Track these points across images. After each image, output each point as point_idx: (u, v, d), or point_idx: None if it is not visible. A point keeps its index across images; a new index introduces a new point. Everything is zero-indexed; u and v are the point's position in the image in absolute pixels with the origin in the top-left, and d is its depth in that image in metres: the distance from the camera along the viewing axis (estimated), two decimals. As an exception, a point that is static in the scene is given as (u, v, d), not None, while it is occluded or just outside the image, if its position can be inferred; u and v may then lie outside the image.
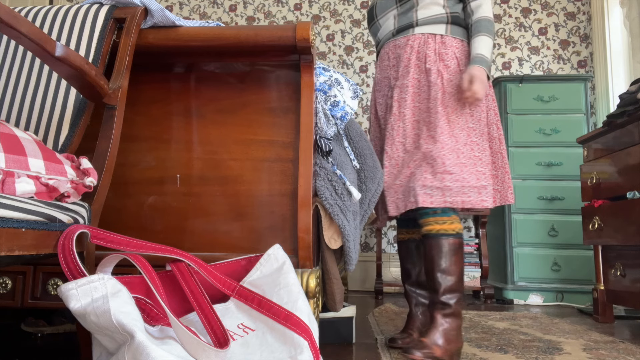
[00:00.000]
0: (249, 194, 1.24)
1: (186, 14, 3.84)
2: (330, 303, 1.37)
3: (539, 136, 2.95)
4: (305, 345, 0.85)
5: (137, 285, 0.87)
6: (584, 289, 2.78)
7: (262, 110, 1.29)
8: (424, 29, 1.64)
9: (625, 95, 2.12)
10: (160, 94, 1.32)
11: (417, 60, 1.64)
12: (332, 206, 1.25)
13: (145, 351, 0.70)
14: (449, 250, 1.51)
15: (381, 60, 1.76)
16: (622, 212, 2.01)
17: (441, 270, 1.50)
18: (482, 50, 1.57)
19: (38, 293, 1.17)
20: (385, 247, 3.45)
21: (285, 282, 0.95)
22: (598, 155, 2.30)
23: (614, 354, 1.56)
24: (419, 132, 1.58)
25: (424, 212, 1.55)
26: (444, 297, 1.49)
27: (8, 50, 1.12)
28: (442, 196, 1.50)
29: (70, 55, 0.86)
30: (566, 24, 3.52)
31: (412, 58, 1.64)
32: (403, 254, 1.77)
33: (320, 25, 3.73)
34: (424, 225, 1.55)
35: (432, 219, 1.53)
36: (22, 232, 0.72)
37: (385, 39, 1.74)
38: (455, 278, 1.51)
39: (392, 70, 1.70)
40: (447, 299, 1.49)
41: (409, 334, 1.63)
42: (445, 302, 1.49)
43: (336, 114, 1.40)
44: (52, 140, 1.03)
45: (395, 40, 1.69)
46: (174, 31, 1.23)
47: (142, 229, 1.25)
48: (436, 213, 1.53)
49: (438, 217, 1.53)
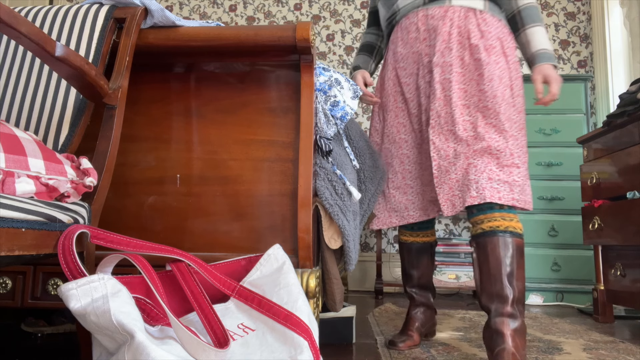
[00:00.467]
0: (249, 194, 1.24)
1: (186, 14, 3.84)
2: (330, 303, 1.37)
3: (539, 136, 2.95)
4: (305, 345, 0.85)
5: (137, 285, 0.87)
6: (584, 289, 2.78)
7: (262, 110, 1.28)
8: (462, 1, 1.46)
9: (625, 95, 2.12)
10: (160, 94, 1.32)
11: (459, 35, 1.43)
12: (332, 206, 1.25)
13: (145, 351, 0.70)
14: (518, 252, 1.30)
15: (405, 32, 1.53)
16: (622, 212, 2.01)
17: (510, 274, 1.27)
18: (546, 45, 1.41)
19: (38, 293, 1.17)
20: (385, 247, 3.45)
21: (285, 282, 0.95)
22: (598, 155, 2.30)
23: (614, 354, 1.56)
24: (473, 120, 1.38)
25: (487, 205, 1.34)
26: (514, 309, 1.25)
27: (8, 50, 1.12)
28: (510, 192, 1.31)
29: (70, 55, 0.86)
30: (566, 24, 3.52)
31: (454, 33, 1.43)
32: (406, 258, 1.71)
33: (320, 25, 3.73)
34: (486, 220, 1.33)
35: (499, 214, 1.32)
36: (22, 232, 0.72)
37: (409, 7, 1.52)
38: (523, 285, 1.29)
39: (424, 45, 1.48)
40: (517, 311, 1.26)
41: (409, 335, 1.60)
42: (514, 315, 1.25)
43: (336, 114, 1.40)
44: (52, 140, 1.03)
45: (427, 10, 1.47)
46: (174, 31, 1.23)
47: (142, 229, 1.25)
48: (502, 208, 1.33)
49: (505, 213, 1.33)
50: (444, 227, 3.41)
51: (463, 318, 2.23)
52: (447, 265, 3.03)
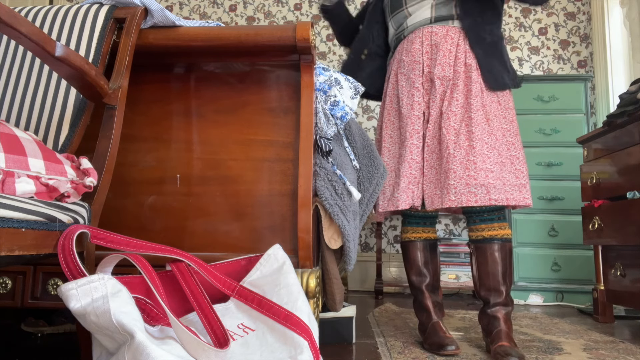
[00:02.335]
0: (249, 194, 1.24)
1: (186, 14, 3.84)
2: (330, 303, 1.37)
3: (539, 136, 2.95)
4: (305, 345, 0.85)
5: (137, 285, 0.87)
6: (584, 289, 2.78)
7: (262, 110, 1.28)
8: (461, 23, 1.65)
9: (625, 95, 2.12)
10: (160, 94, 1.31)
11: (457, 53, 1.63)
12: (332, 206, 1.25)
13: (145, 351, 0.70)
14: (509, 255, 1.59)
15: (410, 43, 1.70)
16: (622, 212, 2.01)
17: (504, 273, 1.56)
18: None
19: (38, 293, 1.17)
20: (385, 247, 3.45)
21: (285, 282, 0.95)
22: (598, 155, 2.30)
23: (614, 354, 1.56)
24: (459, 129, 1.57)
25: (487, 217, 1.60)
26: (506, 299, 1.55)
27: (8, 50, 1.12)
28: (486, 194, 1.50)
29: (70, 55, 0.86)
30: (566, 24, 3.52)
31: (453, 50, 1.63)
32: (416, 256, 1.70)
33: (320, 25, 3.73)
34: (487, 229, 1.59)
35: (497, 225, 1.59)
36: (22, 232, 0.72)
37: (417, 25, 1.70)
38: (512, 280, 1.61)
39: (426, 57, 1.66)
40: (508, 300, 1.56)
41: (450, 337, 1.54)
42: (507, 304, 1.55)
43: (336, 113, 1.40)
44: (52, 140, 1.03)
45: (432, 27, 1.67)
46: (174, 31, 1.23)
47: (142, 229, 1.25)
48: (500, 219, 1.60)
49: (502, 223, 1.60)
50: (444, 227, 3.41)
51: (463, 318, 2.23)
52: (447, 265, 3.03)
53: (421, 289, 1.68)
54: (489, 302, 1.56)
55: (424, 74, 1.67)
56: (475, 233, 1.61)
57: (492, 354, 1.44)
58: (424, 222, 1.74)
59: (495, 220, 1.59)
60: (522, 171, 1.57)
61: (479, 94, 1.58)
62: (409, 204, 1.60)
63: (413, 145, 1.62)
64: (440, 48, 1.64)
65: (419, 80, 1.66)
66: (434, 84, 1.63)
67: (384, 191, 1.66)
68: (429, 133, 1.61)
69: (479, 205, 1.51)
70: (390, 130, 1.73)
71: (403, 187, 1.60)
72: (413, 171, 1.61)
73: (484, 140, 1.54)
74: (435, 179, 1.59)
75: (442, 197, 1.54)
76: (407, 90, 1.69)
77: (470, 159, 1.52)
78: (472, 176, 1.50)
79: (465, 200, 1.49)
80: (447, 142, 1.55)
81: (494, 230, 1.58)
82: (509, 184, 1.53)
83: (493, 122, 1.58)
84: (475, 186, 1.50)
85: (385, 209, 1.64)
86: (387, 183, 1.66)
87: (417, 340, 1.71)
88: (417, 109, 1.64)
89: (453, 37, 1.64)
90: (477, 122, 1.55)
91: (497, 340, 1.47)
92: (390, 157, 1.70)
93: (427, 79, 1.66)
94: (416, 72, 1.67)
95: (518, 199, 1.53)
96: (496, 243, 1.57)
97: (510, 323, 1.53)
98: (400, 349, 1.58)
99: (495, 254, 1.56)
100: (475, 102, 1.57)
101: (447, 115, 1.58)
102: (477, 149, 1.52)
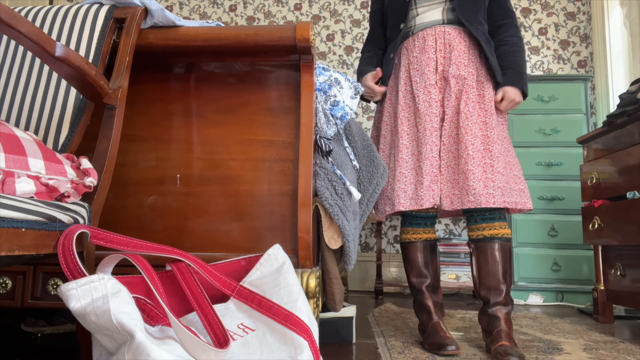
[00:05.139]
0: (249, 194, 1.24)
1: (186, 14, 3.84)
2: (330, 303, 1.37)
3: (539, 136, 2.95)
4: (305, 345, 0.85)
5: (137, 285, 0.87)
6: (584, 289, 2.78)
7: (262, 110, 1.29)
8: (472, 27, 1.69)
9: (625, 95, 2.12)
10: (160, 94, 1.31)
11: (471, 55, 1.68)
12: (332, 206, 1.25)
13: (145, 351, 0.70)
14: (509, 254, 1.61)
15: (422, 40, 1.71)
16: (622, 212, 2.01)
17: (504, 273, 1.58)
18: None
19: (38, 293, 1.17)
20: (385, 247, 3.45)
21: (285, 282, 0.95)
22: (598, 155, 2.30)
23: (614, 354, 1.56)
24: (476, 130, 1.59)
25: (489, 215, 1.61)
26: (506, 298, 1.56)
27: (8, 50, 1.12)
28: (501, 196, 1.53)
29: (70, 55, 0.86)
30: (566, 24, 3.52)
31: (466, 51, 1.68)
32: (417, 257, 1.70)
33: (320, 25, 3.73)
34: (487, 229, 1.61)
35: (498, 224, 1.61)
36: (22, 232, 0.72)
37: (427, 24, 1.72)
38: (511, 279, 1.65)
39: (440, 55, 1.68)
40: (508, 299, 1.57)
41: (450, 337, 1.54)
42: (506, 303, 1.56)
43: (336, 113, 1.40)
44: (52, 140, 1.03)
45: (445, 27, 1.70)
46: (174, 31, 1.23)
47: (142, 229, 1.25)
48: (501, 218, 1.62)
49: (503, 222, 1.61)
50: (444, 227, 3.41)
51: (463, 318, 2.23)
52: (447, 265, 3.03)
53: (421, 289, 1.68)
54: (489, 302, 1.57)
55: (437, 72, 1.69)
56: (476, 232, 1.62)
57: (492, 354, 1.44)
58: (424, 223, 1.73)
59: (497, 220, 1.61)
60: (520, 177, 1.64)
61: (491, 99, 1.64)
62: (432, 203, 1.59)
63: (433, 143, 1.62)
64: (455, 47, 1.67)
65: (433, 78, 1.68)
66: (449, 82, 1.66)
67: (404, 189, 1.62)
68: (444, 132, 1.63)
69: (495, 207, 1.54)
70: (407, 127, 1.70)
71: (426, 186, 1.59)
72: (434, 169, 1.61)
73: (498, 144, 1.59)
74: (452, 178, 1.60)
75: (462, 198, 1.56)
76: (422, 86, 1.68)
77: (487, 162, 1.56)
78: (490, 178, 1.54)
79: (484, 201, 1.51)
80: (466, 142, 1.57)
81: (495, 230, 1.59)
82: (513, 189, 1.59)
83: (499, 128, 1.64)
84: (494, 188, 1.53)
85: (407, 208, 1.61)
86: (408, 181, 1.63)
87: (417, 340, 1.71)
88: (434, 106, 1.65)
89: (466, 39, 1.69)
90: (491, 126, 1.60)
91: (497, 340, 1.47)
92: (409, 154, 1.66)
93: (441, 77, 1.68)
94: (430, 69, 1.69)
95: (522, 203, 1.59)
96: (496, 242, 1.58)
97: (511, 323, 1.54)
98: (400, 349, 1.58)
99: (495, 253, 1.58)
100: (489, 107, 1.62)
101: (465, 115, 1.60)
102: (494, 152, 1.57)
